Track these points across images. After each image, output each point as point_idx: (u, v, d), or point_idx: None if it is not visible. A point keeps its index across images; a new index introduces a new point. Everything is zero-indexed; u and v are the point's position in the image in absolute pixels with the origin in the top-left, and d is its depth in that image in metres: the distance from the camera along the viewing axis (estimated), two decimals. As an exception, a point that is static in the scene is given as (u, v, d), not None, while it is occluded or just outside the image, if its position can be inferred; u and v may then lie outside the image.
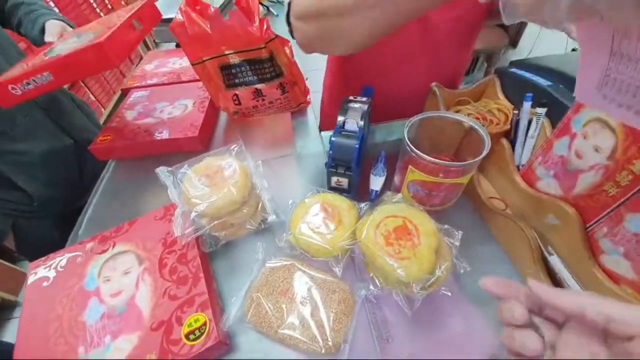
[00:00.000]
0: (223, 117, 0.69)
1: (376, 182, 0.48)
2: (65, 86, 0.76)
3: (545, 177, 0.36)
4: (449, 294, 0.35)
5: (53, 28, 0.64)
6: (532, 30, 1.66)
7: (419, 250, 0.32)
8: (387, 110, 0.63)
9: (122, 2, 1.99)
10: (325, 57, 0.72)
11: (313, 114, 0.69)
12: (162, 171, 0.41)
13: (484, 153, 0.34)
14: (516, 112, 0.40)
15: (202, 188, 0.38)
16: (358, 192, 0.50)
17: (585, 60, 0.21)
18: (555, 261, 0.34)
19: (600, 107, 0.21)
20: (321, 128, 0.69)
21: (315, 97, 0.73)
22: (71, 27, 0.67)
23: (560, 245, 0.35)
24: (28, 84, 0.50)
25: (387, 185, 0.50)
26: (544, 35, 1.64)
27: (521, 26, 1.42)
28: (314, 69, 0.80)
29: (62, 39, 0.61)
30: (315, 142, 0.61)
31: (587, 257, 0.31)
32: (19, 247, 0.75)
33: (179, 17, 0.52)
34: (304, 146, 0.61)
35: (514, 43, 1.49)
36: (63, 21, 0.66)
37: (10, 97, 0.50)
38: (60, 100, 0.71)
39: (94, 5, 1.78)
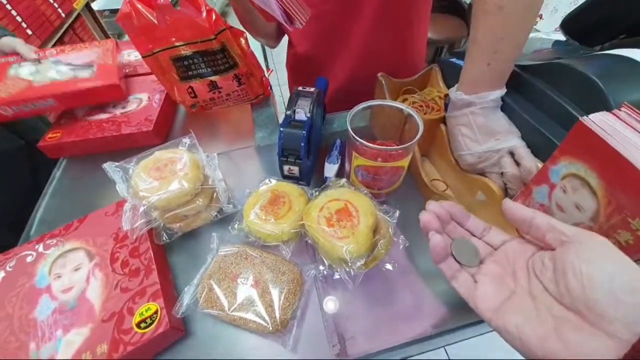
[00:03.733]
0: (182, 110, 0.68)
1: (330, 170, 0.50)
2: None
3: None
4: (391, 268, 0.38)
5: (22, 46, 0.61)
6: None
7: (358, 229, 0.34)
8: (347, 99, 0.64)
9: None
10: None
11: (273, 106, 0.70)
12: (109, 166, 0.41)
13: (417, 137, 0.37)
14: (447, 95, 0.43)
15: (150, 181, 0.39)
16: (313, 179, 0.52)
17: None
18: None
19: None
20: None
21: (287, 89, 0.74)
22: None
23: (487, 219, 0.38)
24: (25, 106, 0.55)
25: (342, 173, 0.52)
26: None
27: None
28: (282, 61, 0.80)
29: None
30: (274, 134, 0.62)
31: (509, 227, 0.35)
32: None
33: (125, 8, 0.50)
34: (263, 137, 0.61)
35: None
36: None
37: None
38: None
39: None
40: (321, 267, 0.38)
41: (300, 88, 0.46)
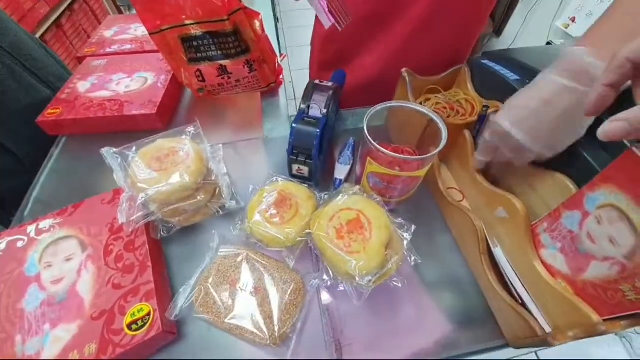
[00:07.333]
0: (188, 93, 0.64)
1: (341, 171, 0.47)
2: (28, 32, 0.68)
3: (551, 248, 0.31)
4: (399, 285, 0.36)
5: None
6: (516, 20, 1.64)
7: (370, 244, 0.31)
8: (364, 95, 0.60)
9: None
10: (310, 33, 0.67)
11: (285, 95, 0.66)
12: (107, 152, 0.38)
13: (440, 147, 0.33)
14: (486, 107, 0.39)
15: (150, 172, 0.36)
16: (323, 179, 0.49)
17: None
18: (499, 253, 0.35)
19: None
20: None
21: (299, 74, 0.69)
22: None
23: (506, 237, 0.36)
24: None
25: (352, 174, 0.49)
26: (528, 25, 1.63)
27: (506, 15, 1.40)
28: (299, 45, 0.75)
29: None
30: (284, 126, 0.59)
31: (530, 250, 0.32)
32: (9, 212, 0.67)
33: (134, -22, 0.46)
34: (272, 129, 0.58)
35: (498, 31, 1.48)
36: None
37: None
38: (30, 46, 0.63)
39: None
40: (325, 277, 0.36)
41: (317, 81, 0.42)
